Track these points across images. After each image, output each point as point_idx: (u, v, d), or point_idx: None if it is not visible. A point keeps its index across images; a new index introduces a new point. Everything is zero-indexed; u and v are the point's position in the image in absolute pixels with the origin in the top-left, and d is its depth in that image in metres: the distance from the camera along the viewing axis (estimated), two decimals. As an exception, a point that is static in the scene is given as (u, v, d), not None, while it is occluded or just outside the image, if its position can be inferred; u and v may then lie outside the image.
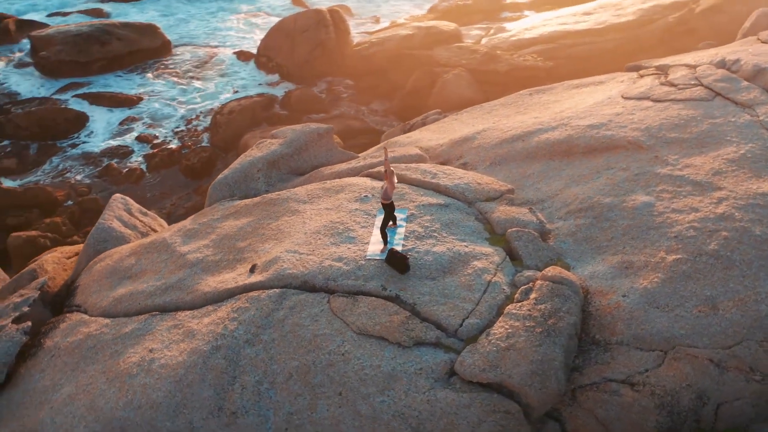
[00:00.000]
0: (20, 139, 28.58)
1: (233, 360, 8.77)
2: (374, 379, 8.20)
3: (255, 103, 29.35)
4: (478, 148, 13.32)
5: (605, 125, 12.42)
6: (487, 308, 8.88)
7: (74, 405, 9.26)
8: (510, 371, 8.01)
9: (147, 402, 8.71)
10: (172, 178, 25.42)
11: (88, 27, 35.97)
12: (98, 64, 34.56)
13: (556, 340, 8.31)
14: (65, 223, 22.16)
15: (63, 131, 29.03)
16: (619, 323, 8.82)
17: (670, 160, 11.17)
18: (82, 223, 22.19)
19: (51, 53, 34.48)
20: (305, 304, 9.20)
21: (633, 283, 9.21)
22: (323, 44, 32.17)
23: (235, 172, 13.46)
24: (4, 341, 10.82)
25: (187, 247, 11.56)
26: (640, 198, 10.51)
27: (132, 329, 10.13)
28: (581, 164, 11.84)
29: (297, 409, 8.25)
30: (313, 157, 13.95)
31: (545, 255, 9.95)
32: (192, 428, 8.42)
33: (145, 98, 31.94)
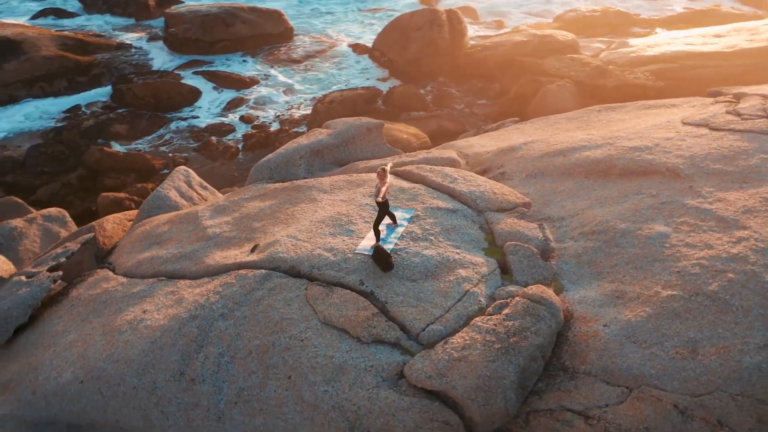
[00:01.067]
0: (136, 108, 30.84)
1: (205, 330, 9.24)
2: (324, 368, 8.39)
3: (358, 96, 30.07)
4: (519, 158, 13.12)
5: (650, 149, 11.88)
6: (455, 317, 8.84)
7: (71, 351, 10.06)
8: (455, 382, 7.95)
9: (123, 357, 9.35)
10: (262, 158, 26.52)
11: (217, 8, 38.18)
12: (221, 45, 36.64)
13: (512, 358, 8.15)
14: (154, 189, 23.75)
15: (175, 104, 31.05)
16: (592, 353, 8.51)
17: (704, 192, 10.55)
18: (169, 191, 23.64)
19: (179, 30, 36.92)
20: (284, 288, 9.53)
21: (618, 313, 8.85)
22: (435, 43, 32.42)
23: (278, 157, 14.01)
24: (33, 286, 11.89)
25: (211, 221, 12.19)
26: (657, 227, 10.02)
27: (139, 290, 10.85)
28: (613, 186, 11.40)
29: (248, 385, 8.59)
30: (359, 150, 14.25)
31: (539, 273, 9.73)
32: (154, 387, 8.96)
33: (258, 81, 33.49)
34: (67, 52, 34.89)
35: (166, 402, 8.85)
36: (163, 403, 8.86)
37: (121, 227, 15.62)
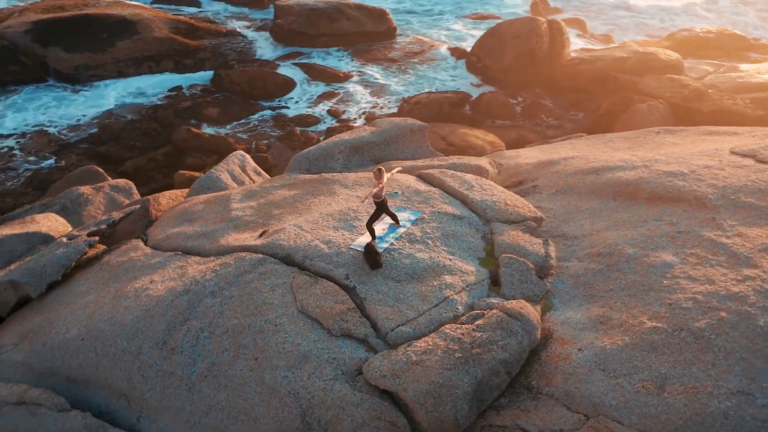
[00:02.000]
0: (232, 94, 32.24)
1: (193, 305, 9.73)
2: (288, 354, 8.67)
3: (445, 99, 30.19)
4: (554, 173, 12.90)
5: (684, 175, 11.41)
6: (427, 321, 8.90)
7: (84, 310, 10.84)
8: (407, 385, 8.03)
9: (120, 321, 10.00)
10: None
11: (324, 3, 39.26)
12: (323, 39, 37.70)
13: (470, 369, 8.14)
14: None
15: (269, 93, 32.24)
16: (559, 375, 8.35)
17: (726, 225, 10.06)
18: (242, 175, 24.64)
19: (285, 22, 38.26)
20: (273, 274, 9.88)
21: (596, 339, 8.62)
22: (532, 53, 32.04)
23: (318, 149, 14.40)
24: (70, 248, 12.82)
25: (238, 204, 12.73)
26: (664, 256, 9.66)
27: (155, 262, 11.52)
28: (636, 210, 11.04)
29: (219, 361, 9.00)
30: (400, 150, 14.42)
31: (529, 289, 9.60)
32: (139, 352, 9.54)
33: (351, 77, 34.23)
34: (177, 35, 36.89)
35: (147, 367, 9.38)
36: (145, 368, 9.40)
37: (175, 202, 16.47)
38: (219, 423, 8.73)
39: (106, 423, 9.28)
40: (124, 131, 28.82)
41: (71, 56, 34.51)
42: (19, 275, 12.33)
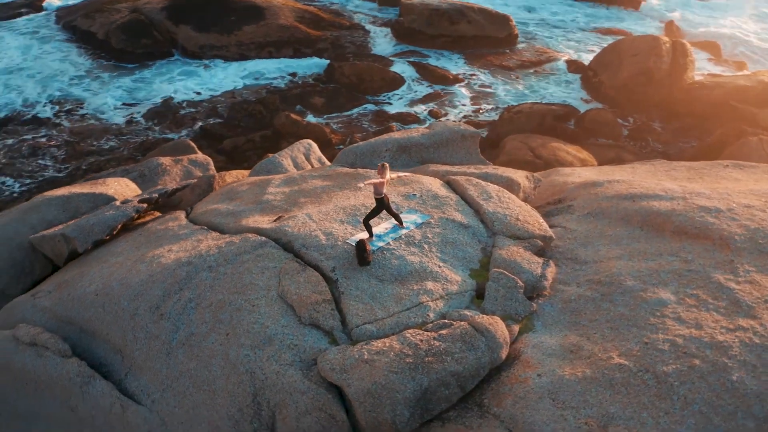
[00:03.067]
0: (340, 85, 33.05)
1: (190, 276, 10.29)
2: (256, 335, 9.02)
3: (549, 111, 29.51)
4: (593, 195, 12.49)
5: (719, 212, 10.75)
6: (393, 323, 8.98)
7: (109, 269, 11.69)
8: (352, 381, 8.18)
9: (128, 282, 10.73)
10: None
11: (447, 5, 39.35)
12: (441, 40, 37.82)
13: (417, 377, 8.15)
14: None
15: (376, 88, 32.83)
16: (510, 398, 8.21)
17: (741, 269, 9.43)
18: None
19: (406, 20, 38.72)
20: (268, 257, 10.26)
21: (559, 367, 8.39)
22: (650, 73, 30.67)
23: (366, 145, 14.67)
24: (119, 211, 13.79)
25: (274, 189, 13.22)
26: (662, 293, 9.20)
27: (183, 233, 12.23)
28: (657, 242, 10.54)
29: (197, 332, 9.50)
30: (449, 155, 14.42)
31: (512, 307, 9.42)
32: (135, 313, 10.21)
33: (461, 80, 34.19)
34: (301, 24, 38.22)
35: (139, 328, 10.03)
36: (137, 329, 10.05)
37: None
38: (185, 389, 9.21)
39: (96, 374, 9.98)
40: (232, 110, 30.29)
41: (199, 35, 36.57)
42: (70, 230, 13.40)
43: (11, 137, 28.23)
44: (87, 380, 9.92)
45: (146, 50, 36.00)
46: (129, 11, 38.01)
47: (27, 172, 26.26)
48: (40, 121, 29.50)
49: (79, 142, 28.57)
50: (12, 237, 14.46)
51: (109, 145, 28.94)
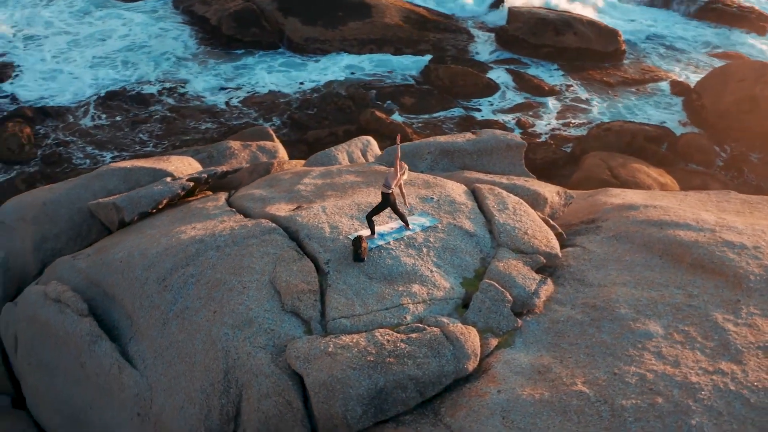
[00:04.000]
0: (433, 87, 33.17)
1: (198, 253, 10.76)
2: (239, 315, 9.36)
3: (641, 131, 28.35)
4: (624, 218, 12.04)
5: (742, 249, 10.16)
6: (368, 321, 9.09)
7: (141, 240, 12.38)
8: (311, 371, 8.37)
9: (145, 253, 11.39)
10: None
11: (555, 15, 38.59)
12: (544, 50, 37.10)
13: (374, 375, 8.23)
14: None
15: (468, 93, 32.71)
16: (464, 410, 8.16)
17: (744, 311, 8.90)
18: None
19: (511, 27, 38.26)
20: (272, 244, 10.58)
21: (520, 386, 8.24)
22: (755, 100, 28.91)
23: (410, 145, 14.75)
24: (167, 187, 14.46)
25: (308, 180, 13.54)
26: (652, 326, 8.83)
27: (214, 213, 12.78)
28: (671, 273, 10.09)
29: (190, 307, 9.96)
30: (493, 163, 14.25)
31: (495, 320, 9.30)
32: (145, 283, 10.80)
33: (558, 92, 33.46)
34: (406, 24, 38.55)
35: (145, 297, 10.60)
36: (144, 297, 10.63)
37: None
38: (171, 359, 9.66)
39: (104, 335, 10.64)
40: (323, 103, 31.02)
41: (305, 28, 37.57)
42: (120, 200, 14.24)
43: (116, 112, 29.97)
44: (95, 339, 10.55)
45: (254, 39, 37.31)
46: (243, 0, 39.47)
47: (125, 145, 27.88)
48: (144, 97, 31.17)
49: (178, 120, 30.02)
50: (74, 201, 15.44)
51: (205, 126, 30.24)
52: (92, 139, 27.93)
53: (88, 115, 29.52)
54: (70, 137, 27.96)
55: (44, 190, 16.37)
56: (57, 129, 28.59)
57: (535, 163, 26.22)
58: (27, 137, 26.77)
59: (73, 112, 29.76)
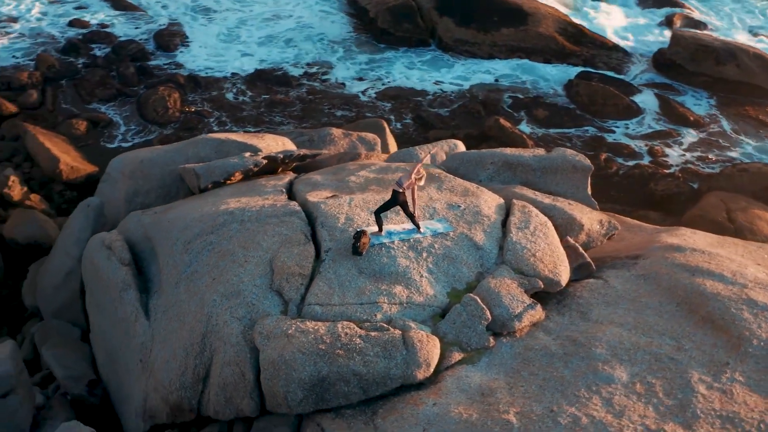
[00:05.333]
0: (572, 102, 32.15)
1: (224, 224, 11.47)
2: (231, 286, 9.94)
3: (785, 176, 25.92)
4: (664, 259, 11.19)
5: (764, 311, 9.25)
6: (338, 312, 9.33)
7: (195, 205, 13.25)
8: (266, 347, 8.79)
9: (185, 217, 12.38)
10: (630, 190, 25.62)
11: (720, 43, 35.95)
12: (700, 79, 34.67)
13: (319, 363, 8.46)
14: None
15: (606, 113, 31.33)
16: (396, 415, 8.32)
17: (728, 376, 8.17)
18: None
19: (668, 51, 36.16)
20: (288, 225, 11.04)
21: (455, 404, 8.21)
22: None
23: (474, 154, 14.61)
24: (241, 161, 15.30)
25: (363, 173, 13.87)
26: (619, 372, 8.35)
27: (266, 191, 13.39)
28: (677, 322, 9.41)
29: (199, 271, 10.69)
30: (555, 183, 13.75)
31: (466, 335, 9.18)
32: (174, 243, 11.76)
33: (703, 124, 31.30)
34: (560, 35, 37.55)
35: (170, 256, 11.45)
36: (170, 256, 11.50)
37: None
38: (172, 316, 10.43)
39: (134, 285, 11.60)
40: (454, 105, 31.08)
41: (458, 29, 37.65)
42: (199, 168, 15.28)
43: (260, 90, 31.62)
44: (126, 288, 11.50)
45: (405, 34, 37.90)
46: (406, -5, 40.09)
47: (258, 123, 29.34)
48: (289, 79, 32.55)
49: (314, 105, 31.20)
50: (168, 163, 16.70)
51: (340, 113, 31.19)
52: (231, 112, 29.66)
53: (233, 90, 31.37)
54: (211, 108, 29.87)
55: (147, 150, 17.82)
56: (203, 99, 30.64)
57: (655, 193, 24.82)
58: (173, 101, 28.87)
59: (222, 85, 31.74)
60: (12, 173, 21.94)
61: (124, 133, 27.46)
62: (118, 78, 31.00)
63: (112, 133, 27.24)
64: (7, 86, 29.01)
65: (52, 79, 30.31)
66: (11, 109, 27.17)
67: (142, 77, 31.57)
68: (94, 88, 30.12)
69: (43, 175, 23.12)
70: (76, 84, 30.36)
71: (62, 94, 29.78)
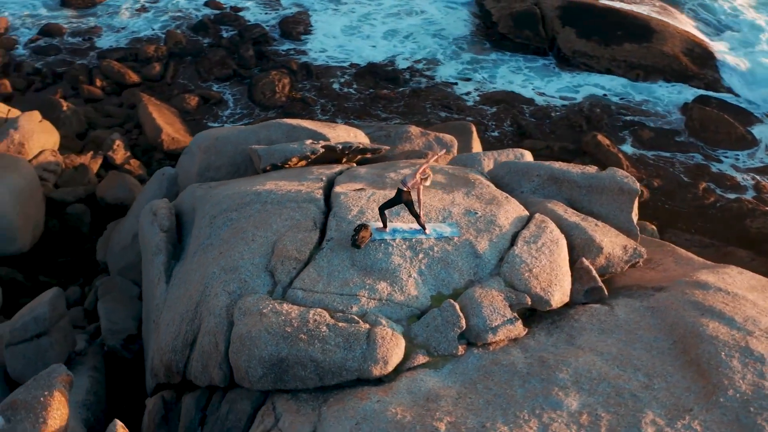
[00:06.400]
0: (684, 126, 30.54)
1: (248, 204, 12.01)
2: (232, 261, 10.48)
3: None
4: (682, 295, 10.47)
5: (757, 361, 8.55)
6: (317, 299, 9.61)
7: (241, 184, 13.70)
8: (239, 323, 9.22)
9: (220, 194, 12.83)
10: (722, 224, 24.11)
11: None
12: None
13: (280, 345, 8.73)
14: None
15: (716, 141, 29.46)
16: (339, 406, 8.46)
17: (682, 423, 7.68)
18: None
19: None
20: (303, 211, 11.41)
21: (396, 405, 8.24)
22: None
23: (523, 164, 14.28)
24: (299, 147, 15.70)
25: (405, 171, 13.84)
26: (570, 400, 8.10)
27: (308, 177, 13.67)
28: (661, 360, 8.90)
29: (213, 244, 11.35)
30: (601, 203, 13.20)
31: (436, 340, 9.15)
32: (203, 216, 12.45)
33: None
34: (686, 56, 35.63)
35: (198, 229, 12.20)
36: (198, 228, 12.27)
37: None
38: (181, 284, 11.10)
39: (163, 249, 12.38)
40: (556, 117, 30.31)
41: (579, 41, 36.57)
42: (261, 150, 15.88)
43: (368, 83, 32.12)
44: (158, 252, 12.26)
45: (523, 41, 37.27)
46: (532, 2, 39.46)
47: (359, 115, 29.84)
48: (397, 74, 32.76)
49: (418, 102, 31.40)
50: (240, 142, 17.44)
51: (443, 114, 31.25)
52: (335, 103, 30.39)
53: (342, 81, 32.05)
54: (317, 96, 30.72)
55: (225, 128, 18.65)
56: (311, 87, 31.53)
57: (749, 231, 23.22)
58: (282, 86, 29.93)
59: (332, 74, 32.53)
60: (118, 138, 23.65)
61: (231, 112, 28.84)
62: (237, 59, 32.52)
63: (219, 112, 28.70)
64: (134, 57, 31.26)
65: (176, 55, 32.31)
66: (134, 79, 29.28)
67: (259, 61, 32.96)
68: (212, 66, 31.82)
69: (147, 143, 24.78)
70: (197, 61, 32.19)
71: (183, 70, 31.70)
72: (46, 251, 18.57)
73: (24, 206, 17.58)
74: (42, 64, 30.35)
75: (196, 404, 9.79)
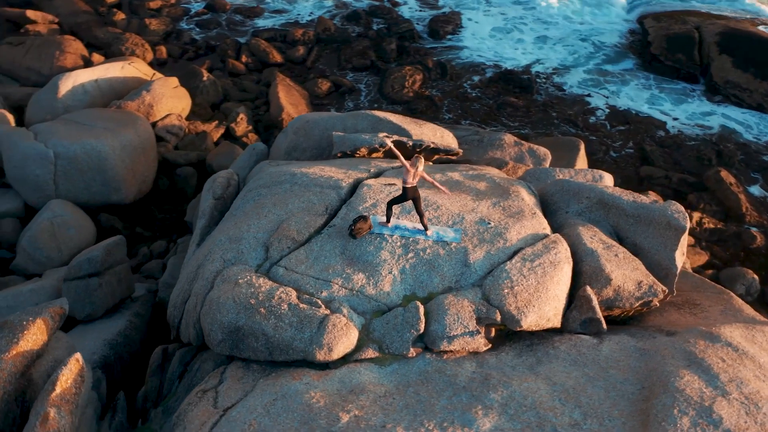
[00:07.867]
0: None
1: (281, 182, 12.63)
2: (239, 231, 11.19)
3: None
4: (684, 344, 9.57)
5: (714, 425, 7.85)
6: (293, 279, 10.01)
7: (297, 165, 14.27)
8: (217, 289, 9.69)
9: (263, 174, 13.22)
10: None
11: None
12: None
13: (240, 314, 9.27)
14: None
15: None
16: (271, 381, 8.71)
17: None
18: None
19: None
20: (320, 196, 11.83)
21: (317, 389, 8.38)
22: None
23: (576, 185, 13.54)
24: (370, 139, 16.01)
25: (453, 175, 13.79)
26: (487, 421, 7.84)
27: (359, 167, 13.97)
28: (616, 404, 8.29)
29: (235, 215, 12.11)
30: (643, 236, 12.35)
31: (391, 339, 9.17)
32: (247, 190, 12.80)
33: None
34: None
35: (236, 200, 12.62)
36: (237, 199, 12.73)
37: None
38: (203, 246, 11.58)
39: (208, 215, 13.23)
40: (683, 146, 28.29)
41: (733, 70, 33.82)
42: (336, 137, 16.38)
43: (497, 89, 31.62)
44: (203, 216, 13.47)
45: (674, 64, 35.13)
46: (694, 26, 37.14)
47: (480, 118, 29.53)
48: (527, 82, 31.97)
49: (546, 113, 30.57)
50: (328, 128, 18.09)
51: (566, 128, 30.18)
52: (462, 104, 30.27)
53: (473, 83, 31.82)
54: (444, 95, 30.71)
55: (318, 114, 19.31)
56: (442, 86, 31.58)
57: None
58: (412, 82, 30.25)
59: (466, 76, 32.40)
60: (243, 111, 25.13)
61: (357, 102, 29.55)
62: (378, 51, 33.17)
63: (346, 100, 29.51)
64: (283, 38, 32.85)
65: (322, 41, 33.56)
66: (277, 59, 30.83)
67: (399, 55, 33.40)
68: (353, 56, 32.74)
69: (269, 119, 26.08)
70: (340, 49, 33.18)
71: (325, 56, 32.83)
72: (149, 206, 20.19)
73: (133, 161, 19.17)
74: (201, 36, 32.74)
75: (181, 359, 10.45)
